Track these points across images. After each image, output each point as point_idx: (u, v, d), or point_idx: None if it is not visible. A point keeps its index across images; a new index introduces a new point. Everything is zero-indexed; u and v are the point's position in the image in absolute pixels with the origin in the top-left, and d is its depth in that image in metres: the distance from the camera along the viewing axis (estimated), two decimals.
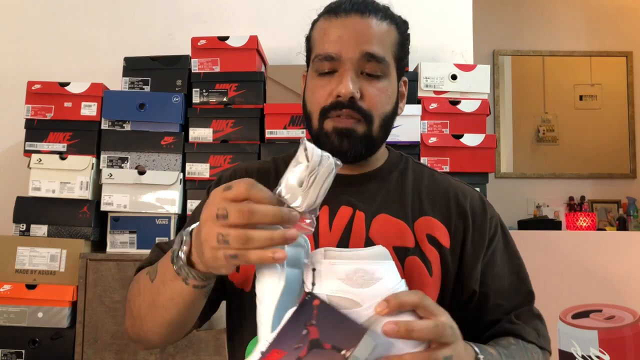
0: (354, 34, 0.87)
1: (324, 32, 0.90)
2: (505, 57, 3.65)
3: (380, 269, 0.62)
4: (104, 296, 1.62)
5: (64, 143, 1.79)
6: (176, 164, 1.77)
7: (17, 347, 1.64)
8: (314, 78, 0.91)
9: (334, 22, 0.89)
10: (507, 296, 0.93)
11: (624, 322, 1.91)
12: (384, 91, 0.90)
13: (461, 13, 2.11)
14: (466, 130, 1.77)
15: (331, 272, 0.62)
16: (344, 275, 0.61)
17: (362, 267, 0.61)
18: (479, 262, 0.91)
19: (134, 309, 0.82)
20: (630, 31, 3.65)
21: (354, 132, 0.87)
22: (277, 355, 0.59)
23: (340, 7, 0.90)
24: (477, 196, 0.97)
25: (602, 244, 2.00)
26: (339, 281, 0.61)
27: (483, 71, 1.83)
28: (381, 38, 0.89)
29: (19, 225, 1.75)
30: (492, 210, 0.98)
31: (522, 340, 0.89)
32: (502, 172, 3.56)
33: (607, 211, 3.49)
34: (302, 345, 0.58)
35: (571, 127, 3.61)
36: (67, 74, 1.97)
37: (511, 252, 0.97)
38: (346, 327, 0.58)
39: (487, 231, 0.93)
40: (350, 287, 0.61)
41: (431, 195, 0.94)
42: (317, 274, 0.62)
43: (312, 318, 0.60)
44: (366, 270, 0.61)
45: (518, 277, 0.96)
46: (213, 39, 1.83)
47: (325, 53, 0.88)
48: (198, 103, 1.82)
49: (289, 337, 0.60)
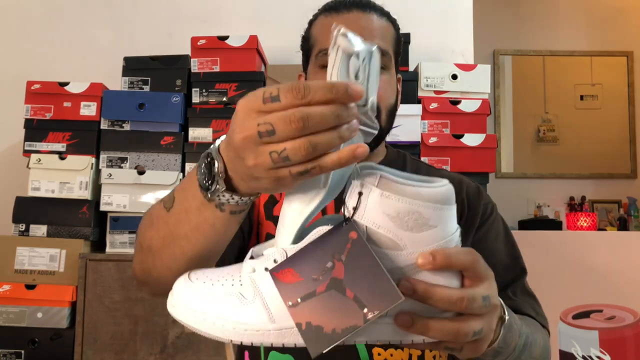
0: (357, 28, 0.88)
1: (327, 27, 0.89)
2: (506, 56, 3.65)
3: (438, 215, 0.51)
4: (103, 296, 1.61)
5: (64, 143, 1.79)
6: (176, 164, 1.77)
7: (16, 348, 1.64)
8: (317, 73, 0.91)
9: (336, 18, 0.90)
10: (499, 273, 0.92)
11: (624, 322, 1.91)
12: (389, 83, 0.91)
13: (461, 13, 2.11)
14: (466, 130, 1.77)
15: (380, 204, 0.50)
16: (394, 212, 0.50)
17: (418, 210, 0.50)
18: (467, 242, 0.92)
19: (143, 243, 0.72)
20: (630, 31, 3.65)
21: None
22: (291, 277, 0.50)
23: (340, 5, 0.91)
24: (473, 185, 1.00)
25: (602, 244, 2.00)
26: (385, 217, 0.50)
27: (483, 71, 1.83)
28: (383, 32, 0.91)
29: (18, 225, 1.75)
30: (488, 198, 1.00)
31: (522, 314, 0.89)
32: (503, 172, 3.56)
33: (608, 211, 3.49)
34: (322, 279, 0.50)
35: (572, 127, 3.60)
36: (66, 73, 1.97)
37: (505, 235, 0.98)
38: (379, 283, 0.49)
39: (479, 214, 0.95)
40: (397, 228, 0.51)
41: None
42: (363, 200, 0.51)
43: (343, 252, 0.50)
44: (422, 214, 0.51)
45: (510, 255, 0.96)
46: (213, 39, 1.82)
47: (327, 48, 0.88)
48: (198, 103, 1.81)
49: (311, 262, 0.51)
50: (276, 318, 0.52)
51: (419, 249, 0.51)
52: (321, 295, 0.49)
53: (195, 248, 0.64)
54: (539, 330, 0.86)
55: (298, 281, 0.50)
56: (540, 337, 0.82)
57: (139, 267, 0.75)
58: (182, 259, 0.65)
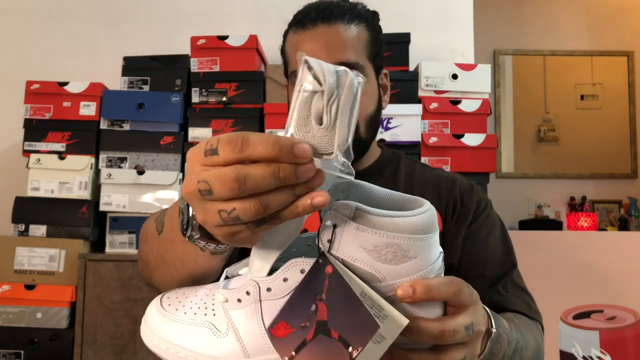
0: (324, 46, 0.87)
1: (295, 46, 0.90)
2: (506, 56, 3.65)
3: (418, 247, 0.48)
4: (103, 297, 1.61)
5: (63, 143, 1.79)
6: (175, 163, 1.77)
7: (16, 348, 1.63)
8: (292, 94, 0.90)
9: (303, 36, 0.90)
10: (489, 267, 0.93)
11: (625, 322, 1.90)
12: (364, 94, 0.88)
13: (462, 12, 2.11)
14: (467, 130, 1.77)
15: (356, 237, 0.48)
16: (371, 246, 0.48)
17: (397, 242, 0.48)
18: (459, 237, 0.92)
19: (142, 255, 0.73)
20: (631, 31, 3.64)
21: None
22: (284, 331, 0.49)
23: (306, 18, 0.90)
24: (466, 182, 1.00)
25: (603, 244, 2.00)
26: (362, 250, 0.48)
27: (484, 71, 1.83)
28: (352, 43, 0.89)
29: (17, 226, 1.74)
30: (483, 194, 0.99)
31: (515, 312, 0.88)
32: (503, 172, 3.56)
33: (609, 211, 3.48)
34: (309, 325, 0.48)
35: (572, 126, 3.60)
36: (66, 73, 1.97)
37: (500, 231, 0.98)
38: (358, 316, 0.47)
39: (472, 210, 0.95)
40: (375, 261, 0.48)
41: (422, 185, 0.96)
42: (338, 232, 0.48)
43: (323, 291, 0.48)
44: (400, 247, 0.48)
45: (502, 250, 0.95)
46: (212, 39, 1.82)
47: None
48: (197, 103, 1.81)
49: (298, 309, 0.49)
50: (250, 352, 0.51)
51: (398, 281, 0.49)
52: (311, 343, 0.48)
53: (182, 277, 0.63)
54: (531, 330, 0.84)
55: (290, 333, 0.49)
56: (532, 339, 0.80)
57: (142, 273, 0.75)
58: (173, 282, 0.65)
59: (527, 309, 0.90)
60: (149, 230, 0.71)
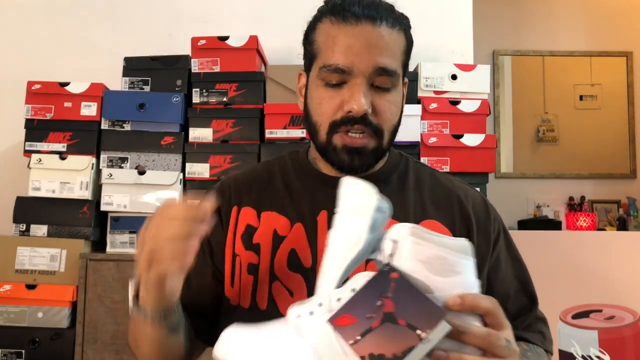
0: (366, 46, 0.82)
1: (332, 40, 0.83)
2: (505, 57, 3.65)
3: (461, 263, 0.60)
4: (103, 296, 1.62)
5: (64, 143, 1.79)
6: (176, 164, 1.77)
7: (17, 347, 1.64)
8: (319, 87, 0.86)
9: (343, 30, 0.83)
10: (513, 300, 0.93)
11: (624, 322, 1.91)
12: (395, 104, 0.86)
13: (461, 13, 2.11)
14: (466, 130, 1.77)
15: (413, 250, 0.59)
16: (424, 257, 0.59)
17: (445, 256, 0.59)
18: (485, 266, 0.90)
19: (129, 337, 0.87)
20: (630, 31, 3.65)
21: (365, 149, 0.85)
22: (348, 321, 0.58)
23: (348, 11, 0.83)
24: (479, 198, 0.96)
25: (602, 244, 2.00)
26: (417, 262, 0.59)
27: (483, 71, 1.83)
28: (393, 49, 0.85)
29: (18, 225, 1.75)
30: (495, 211, 0.96)
31: (531, 344, 0.89)
32: (502, 172, 3.56)
33: (607, 211, 3.49)
34: (375, 315, 0.57)
35: (571, 127, 3.61)
36: (67, 74, 1.97)
37: (514, 254, 0.97)
38: (424, 307, 0.56)
39: (491, 234, 0.92)
40: (427, 272, 0.58)
41: (434, 197, 0.92)
42: (397, 247, 0.60)
43: (389, 290, 0.58)
44: (448, 260, 0.59)
45: (522, 280, 0.95)
46: (213, 39, 1.82)
47: (335, 65, 0.82)
48: (198, 103, 1.82)
49: (363, 304, 0.58)
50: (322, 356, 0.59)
51: (446, 293, 0.58)
52: (377, 329, 0.57)
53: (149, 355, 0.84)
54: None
55: (354, 322, 0.58)
56: None
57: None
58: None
59: (542, 340, 0.91)
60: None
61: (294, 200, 0.91)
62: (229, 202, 0.93)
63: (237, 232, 0.90)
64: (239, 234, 0.90)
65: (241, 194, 0.93)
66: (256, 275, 0.86)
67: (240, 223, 0.91)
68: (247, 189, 0.94)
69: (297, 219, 0.88)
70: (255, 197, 0.93)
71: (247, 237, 0.89)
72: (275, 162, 0.98)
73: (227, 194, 0.94)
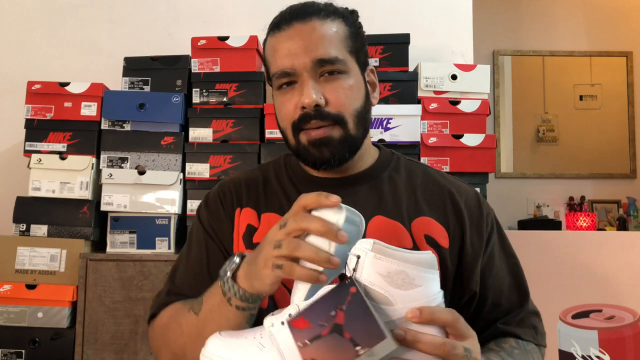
0: (300, 43, 0.85)
1: (274, 49, 0.89)
2: (505, 57, 3.65)
3: (421, 277, 0.63)
4: (104, 296, 1.62)
5: (64, 143, 1.79)
6: (176, 164, 1.77)
7: (17, 347, 1.64)
8: (277, 95, 0.90)
9: (279, 37, 0.88)
10: (506, 296, 0.93)
11: (624, 322, 1.91)
12: (349, 88, 0.87)
13: (461, 13, 2.11)
14: (466, 130, 1.77)
15: (374, 265, 0.63)
16: (385, 272, 0.62)
17: (405, 270, 0.62)
18: (478, 262, 0.91)
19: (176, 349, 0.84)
20: (630, 31, 3.65)
21: (331, 139, 0.86)
22: (303, 324, 0.63)
23: (282, 20, 0.89)
24: (472, 193, 0.96)
25: (602, 244, 2.00)
26: (378, 276, 0.62)
27: (483, 71, 1.83)
28: (329, 38, 0.87)
29: (19, 225, 1.75)
30: (487, 206, 0.97)
31: (521, 340, 0.89)
32: (502, 172, 3.57)
33: (607, 211, 3.49)
34: (326, 324, 0.61)
35: (571, 127, 3.61)
36: (67, 74, 1.97)
37: (507, 249, 0.98)
38: (369, 325, 0.59)
39: (484, 230, 0.93)
40: (388, 285, 0.62)
41: (426, 194, 0.93)
42: (360, 262, 0.63)
43: (344, 303, 0.61)
44: (408, 274, 0.62)
45: (515, 276, 0.96)
46: (213, 39, 1.83)
47: (279, 70, 0.87)
48: (198, 103, 1.82)
49: (319, 312, 0.63)
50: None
51: (407, 305, 0.62)
52: (325, 337, 0.61)
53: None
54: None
55: (308, 327, 0.62)
56: None
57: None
58: None
59: (533, 335, 0.91)
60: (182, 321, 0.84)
61: (290, 202, 0.91)
62: (232, 204, 0.95)
63: (239, 232, 0.92)
64: (241, 234, 0.92)
65: (241, 195, 0.95)
66: None
67: (242, 223, 0.92)
68: (246, 191, 0.96)
69: None
70: (255, 198, 0.95)
71: (248, 237, 0.91)
72: (270, 166, 1.01)
73: (229, 196, 0.96)
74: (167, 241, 1.73)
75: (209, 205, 0.97)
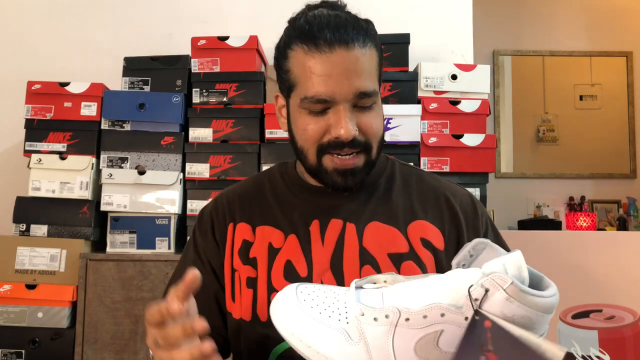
0: (344, 72, 0.81)
1: (310, 70, 0.83)
2: (506, 57, 3.66)
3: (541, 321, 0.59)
4: (104, 296, 1.62)
5: (64, 143, 1.79)
6: (176, 164, 1.77)
7: (17, 347, 1.64)
8: (303, 115, 0.86)
9: (319, 60, 0.82)
10: None
11: (624, 322, 1.91)
12: (378, 117, 0.88)
13: (461, 13, 2.11)
14: (466, 130, 1.77)
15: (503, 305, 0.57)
16: (510, 314, 0.57)
17: (530, 316, 0.57)
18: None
19: None
20: (630, 31, 3.65)
21: (357, 168, 0.87)
22: None
23: (320, 38, 0.82)
24: (466, 196, 0.97)
25: (602, 244, 2.00)
26: (501, 315, 0.57)
27: (483, 71, 1.83)
28: (369, 70, 0.85)
29: (18, 225, 1.75)
30: (482, 207, 0.98)
31: None
32: (502, 172, 3.57)
33: (607, 211, 3.49)
34: None
35: (571, 127, 3.61)
36: (67, 74, 1.97)
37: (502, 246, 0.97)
38: (527, 354, 0.53)
39: (480, 230, 0.94)
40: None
41: (422, 198, 0.94)
42: (489, 297, 0.57)
43: (488, 343, 0.55)
44: (531, 319, 0.57)
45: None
46: (213, 39, 1.83)
47: (316, 95, 0.82)
48: (198, 103, 1.82)
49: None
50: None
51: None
52: None
53: None
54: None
55: None
56: None
57: None
58: None
59: None
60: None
61: (285, 213, 0.93)
62: (224, 221, 0.95)
63: (235, 248, 0.92)
64: (236, 250, 0.92)
65: (234, 210, 0.96)
66: (255, 288, 0.88)
67: (237, 239, 0.93)
68: (240, 205, 0.96)
69: (290, 231, 0.91)
70: (249, 212, 0.95)
71: (244, 252, 0.91)
72: (265, 176, 1.01)
73: (222, 213, 0.96)
74: (167, 241, 1.73)
75: (201, 225, 0.98)
